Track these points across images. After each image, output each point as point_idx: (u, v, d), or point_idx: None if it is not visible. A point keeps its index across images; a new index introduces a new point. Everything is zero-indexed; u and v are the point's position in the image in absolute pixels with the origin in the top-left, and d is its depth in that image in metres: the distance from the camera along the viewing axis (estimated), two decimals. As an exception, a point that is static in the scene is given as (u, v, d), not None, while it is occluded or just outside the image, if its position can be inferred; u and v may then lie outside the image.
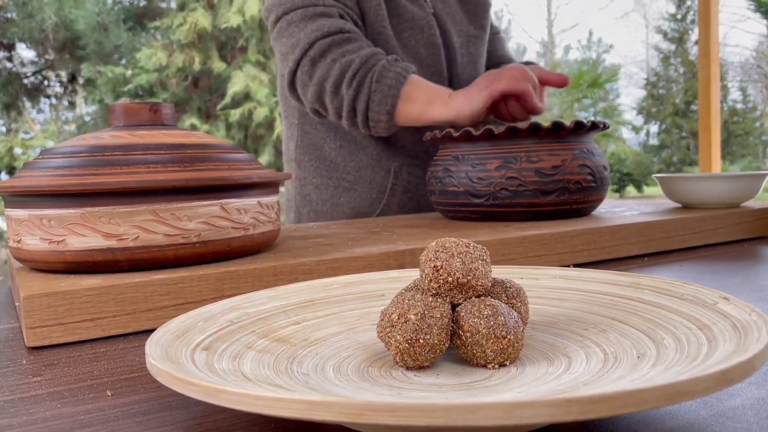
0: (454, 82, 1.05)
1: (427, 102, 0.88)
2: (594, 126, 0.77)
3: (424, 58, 1.01)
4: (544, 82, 0.92)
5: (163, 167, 0.50)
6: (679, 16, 15.64)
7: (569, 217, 0.77)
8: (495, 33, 1.18)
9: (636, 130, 15.74)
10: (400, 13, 0.99)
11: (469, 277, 0.33)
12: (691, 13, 15.17)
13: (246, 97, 7.77)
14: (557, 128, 0.74)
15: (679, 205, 0.88)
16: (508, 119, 0.90)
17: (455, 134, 0.77)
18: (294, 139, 1.09)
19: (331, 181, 1.05)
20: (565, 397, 0.19)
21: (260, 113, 7.67)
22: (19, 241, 0.51)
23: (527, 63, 1.07)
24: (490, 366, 0.32)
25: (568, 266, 0.66)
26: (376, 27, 0.97)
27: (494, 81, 0.85)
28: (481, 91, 0.84)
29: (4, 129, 8.73)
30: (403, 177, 1.04)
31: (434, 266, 0.33)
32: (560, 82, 0.89)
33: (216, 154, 0.54)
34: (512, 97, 0.87)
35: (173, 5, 8.46)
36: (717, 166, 3.64)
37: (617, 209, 0.88)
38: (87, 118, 9.13)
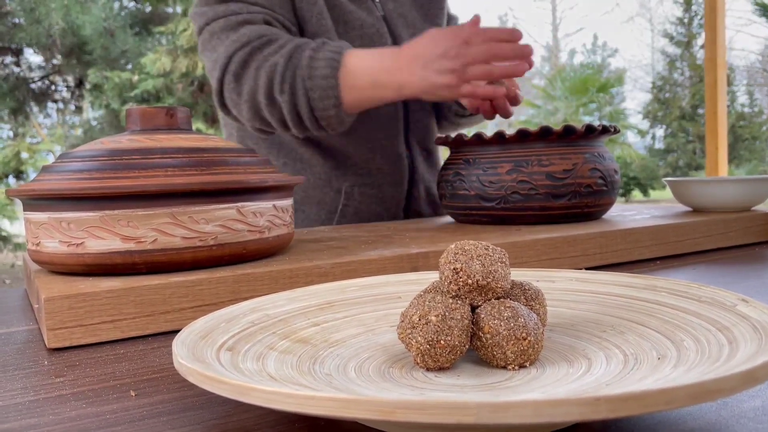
0: None
1: (371, 87, 0.80)
2: (605, 130, 0.77)
3: None
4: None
5: (181, 171, 0.51)
6: (685, 20, 15.62)
7: (580, 221, 0.77)
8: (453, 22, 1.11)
9: (642, 134, 15.72)
10: (347, 20, 0.92)
11: (489, 279, 0.33)
12: (698, 17, 15.14)
13: (251, 101, 7.78)
14: (568, 132, 0.74)
15: (689, 209, 0.88)
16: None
17: (466, 138, 0.78)
18: None
19: None
20: (595, 396, 0.19)
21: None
22: (37, 244, 0.51)
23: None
24: (510, 367, 0.32)
25: (581, 269, 0.66)
26: (320, 36, 0.89)
27: (459, 73, 0.77)
28: (442, 76, 0.77)
29: (11, 133, 8.78)
30: (354, 198, 0.96)
31: (454, 268, 0.33)
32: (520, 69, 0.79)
33: (232, 157, 0.55)
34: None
35: (178, 10, 8.50)
36: (724, 170, 3.63)
37: (628, 213, 0.88)
38: (93, 123, 9.17)
